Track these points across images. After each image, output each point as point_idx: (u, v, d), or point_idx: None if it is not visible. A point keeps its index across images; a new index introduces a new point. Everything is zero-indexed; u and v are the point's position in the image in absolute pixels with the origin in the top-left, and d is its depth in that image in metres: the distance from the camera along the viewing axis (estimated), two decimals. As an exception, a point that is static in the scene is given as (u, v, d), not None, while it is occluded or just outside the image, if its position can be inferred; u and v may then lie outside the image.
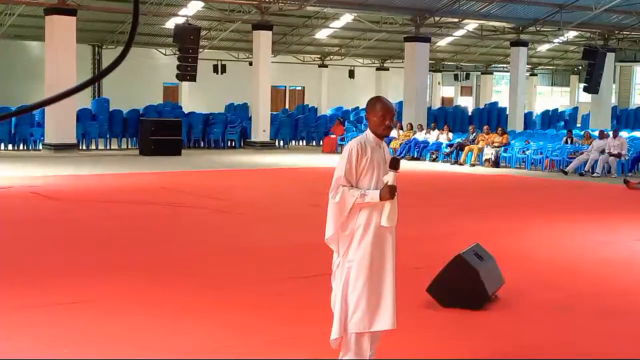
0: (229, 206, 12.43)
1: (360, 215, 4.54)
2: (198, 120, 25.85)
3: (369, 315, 4.57)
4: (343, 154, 4.60)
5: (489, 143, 21.69)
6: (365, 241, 4.54)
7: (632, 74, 46.30)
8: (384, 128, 4.60)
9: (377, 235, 4.58)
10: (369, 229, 4.55)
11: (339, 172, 4.54)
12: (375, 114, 4.59)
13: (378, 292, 4.58)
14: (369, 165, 4.55)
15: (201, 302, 6.64)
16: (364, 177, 4.56)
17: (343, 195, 4.49)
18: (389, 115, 4.59)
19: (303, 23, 31.23)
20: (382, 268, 4.61)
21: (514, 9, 27.64)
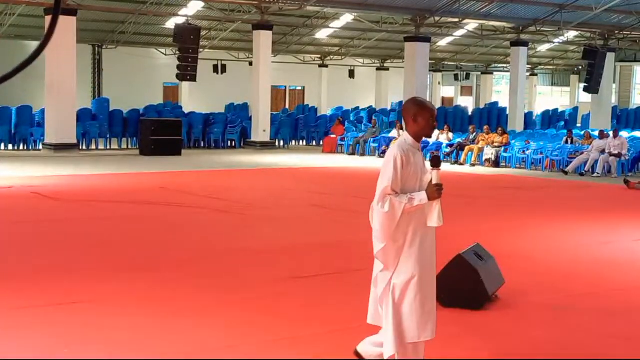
0: (229, 206, 12.43)
1: (407, 222, 4.38)
2: (198, 120, 25.85)
3: (422, 325, 4.43)
4: (387, 162, 4.41)
5: (489, 143, 21.69)
6: (415, 249, 4.39)
7: (632, 74, 46.29)
8: (430, 130, 4.51)
9: (425, 241, 4.44)
10: (417, 235, 4.41)
11: (386, 182, 4.36)
12: (424, 116, 4.44)
13: (430, 300, 4.46)
14: (414, 171, 4.41)
15: (202, 302, 6.64)
16: (408, 183, 4.40)
17: (392, 204, 4.31)
18: (434, 116, 4.51)
19: (303, 23, 31.23)
20: (430, 275, 4.49)
21: (514, 9, 27.64)
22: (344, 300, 6.86)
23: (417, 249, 4.40)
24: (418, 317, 4.41)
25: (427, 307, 4.45)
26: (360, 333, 5.87)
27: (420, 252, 4.41)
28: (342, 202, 13.34)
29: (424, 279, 4.44)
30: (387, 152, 4.51)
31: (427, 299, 4.45)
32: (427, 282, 4.47)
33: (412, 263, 4.39)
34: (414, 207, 4.33)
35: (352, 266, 8.25)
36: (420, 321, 4.42)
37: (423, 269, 4.42)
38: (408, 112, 4.51)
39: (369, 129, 25.49)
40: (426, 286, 4.45)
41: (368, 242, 10.02)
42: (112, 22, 29.89)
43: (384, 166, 4.42)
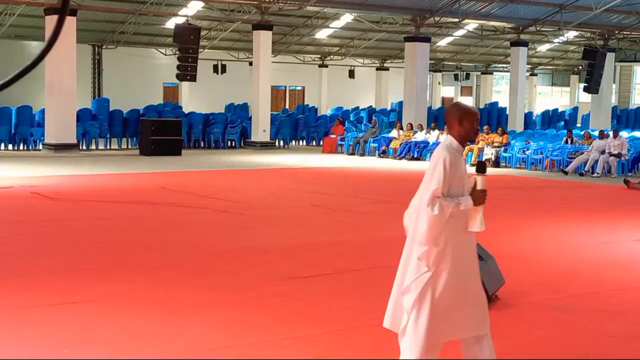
0: (229, 206, 12.43)
1: (450, 226, 4.38)
2: (198, 120, 25.85)
3: (457, 323, 4.44)
4: (436, 165, 4.38)
5: (489, 143, 21.69)
6: (456, 252, 4.39)
7: (632, 74, 46.28)
8: (474, 133, 4.56)
9: (464, 244, 4.44)
10: (458, 238, 4.40)
11: (436, 184, 4.33)
12: (469, 120, 4.48)
13: (465, 299, 4.44)
14: (459, 174, 4.42)
15: (201, 302, 6.64)
16: (453, 186, 4.40)
17: (442, 207, 4.29)
18: (478, 120, 4.58)
19: (303, 23, 31.23)
20: (471, 274, 4.49)
21: (514, 9, 27.64)
22: (344, 300, 6.86)
23: (457, 252, 4.40)
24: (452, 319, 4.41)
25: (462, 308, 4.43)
26: (360, 333, 5.88)
27: (459, 255, 4.40)
28: (342, 202, 13.34)
29: (462, 281, 4.42)
30: (434, 154, 4.50)
31: (464, 301, 4.43)
32: (465, 284, 4.45)
33: (450, 266, 4.37)
34: (459, 211, 4.35)
35: (352, 266, 8.26)
36: (453, 322, 4.43)
37: (460, 272, 4.41)
38: (453, 116, 4.52)
39: (369, 129, 25.49)
40: (463, 289, 4.43)
41: (368, 242, 10.08)
42: (112, 22, 29.89)
43: (432, 168, 4.40)
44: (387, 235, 10.22)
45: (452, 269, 4.36)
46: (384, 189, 15.69)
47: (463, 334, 4.51)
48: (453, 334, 4.49)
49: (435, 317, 4.34)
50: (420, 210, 4.41)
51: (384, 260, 8.65)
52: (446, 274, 4.35)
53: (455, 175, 4.39)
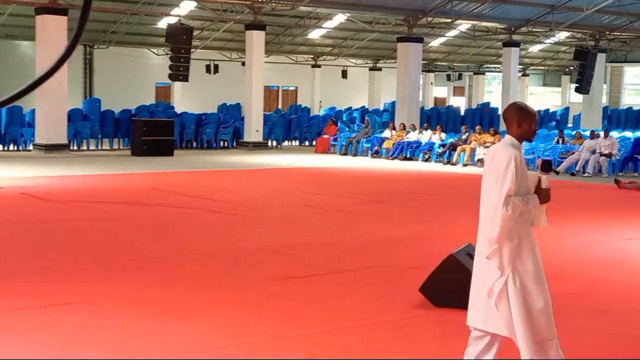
0: (222, 206, 12.41)
1: (520, 223, 4.49)
2: (190, 120, 25.81)
3: (552, 323, 4.53)
4: (506, 165, 4.43)
5: (481, 143, 21.72)
6: (529, 248, 4.51)
7: (622, 74, 46.42)
8: (532, 133, 4.65)
9: (532, 240, 4.56)
10: (528, 235, 4.53)
11: (509, 184, 4.40)
12: (528, 121, 4.58)
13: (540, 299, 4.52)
14: (523, 173, 4.53)
15: (194, 303, 6.63)
16: (522, 185, 4.52)
17: (514, 206, 4.40)
18: (536, 121, 4.68)
19: (296, 23, 31.23)
20: (542, 273, 4.57)
21: (506, 10, 27.70)
22: (337, 300, 6.86)
23: (532, 249, 4.52)
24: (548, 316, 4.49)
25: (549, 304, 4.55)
26: (353, 333, 5.88)
27: (532, 250, 4.52)
28: (334, 203, 13.35)
29: (541, 277, 4.53)
30: (499, 155, 4.52)
31: (547, 297, 4.54)
32: (543, 279, 4.56)
33: (530, 261, 4.48)
34: (527, 209, 4.48)
35: (345, 266, 8.26)
36: (550, 320, 4.51)
37: (538, 267, 4.52)
38: (512, 116, 4.61)
39: (362, 129, 25.50)
40: (544, 284, 4.55)
41: (361, 242, 10.08)
42: (104, 21, 29.81)
43: (502, 168, 4.44)
44: (380, 235, 10.23)
45: (532, 265, 4.47)
46: (377, 189, 15.70)
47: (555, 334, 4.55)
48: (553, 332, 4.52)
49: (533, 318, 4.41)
50: (490, 210, 4.46)
51: (377, 260, 8.66)
52: (527, 271, 4.45)
53: (522, 174, 4.50)
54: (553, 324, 4.51)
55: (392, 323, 6.21)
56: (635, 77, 47.12)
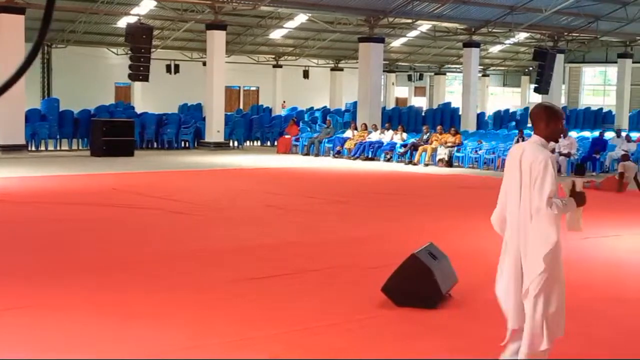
0: (184, 207, 12.31)
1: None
2: (151, 120, 25.58)
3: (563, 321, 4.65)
4: (545, 167, 4.49)
5: (442, 143, 21.87)
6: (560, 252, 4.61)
7: (580, 74, 47.13)
8: (560, 134, 4.73)
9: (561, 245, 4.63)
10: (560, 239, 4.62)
11: (551, 185, 4.45)
12: (555, 121, 4.63)
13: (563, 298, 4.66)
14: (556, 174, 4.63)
15: (156, 305, 6.56)
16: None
17: (557, 207, 4.47)
18: (563, 121, 4.73)
19: (257, 23, 31.14)
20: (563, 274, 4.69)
21: (466, 10, 27.94)
22: (301, 301, 6.84)
23: (561, 252, 4.62)
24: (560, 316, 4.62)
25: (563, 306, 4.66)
26: (318, 333, 5.87)
27: (560, 255, 4.62)
28: (297, 203, 13.33)
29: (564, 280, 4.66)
30: (534, 157, 4.54)
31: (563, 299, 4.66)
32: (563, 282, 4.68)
33: (559, 264, 4.60)
34: (563, 212, 4.55)
35: (308, 267, 8.24)
36: (562, 320, 4.63)
37: (562, 270, 4.65)
38: (540, 117, 4.65)
39: (324, 130, 25.51)
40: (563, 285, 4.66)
41: (323, 242, 10.06)
42: (62, 20, 29.40)
43: (544, 171, 4.48)
44: (342, 235, 10.23)
45: (561, 268, 4.60)
46: (339, 189, 15.71)
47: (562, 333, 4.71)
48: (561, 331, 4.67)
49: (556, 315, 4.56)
50: (533, 213, 4.51)
51: (340, 260, 8.66)
52: (559, 273, 4.58)
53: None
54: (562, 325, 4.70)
55: (355, 323, 6.21)
56: (593, 78, 47.87)
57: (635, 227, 11.08)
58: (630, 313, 6.68)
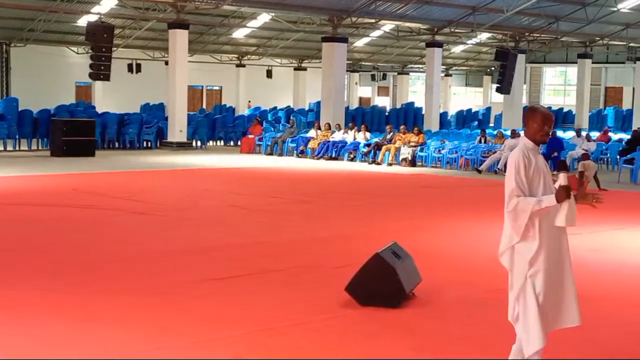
0: (146, 208, 12.18)
1: (538, 223, 4.57)
2: (112, 120, 25.32)
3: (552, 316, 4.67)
4: (510, 167, 4.59)
5: (405, 142, 21.96)
6: (545, 247, 4.59)
7: (541, 74, 47.72)
8: (543, 134, 4.67)
9: (554, 239, 4.62)
10: (550, 236, 4.61)
11: (512, 185, 4.54)
12: (536, 120, 4.65)
13: (559, 292, 4.67)
14: (536, 172, 4.60)
15: (119, 306, 6.48)
16: (533, 184, 4.59)
17: (518, 205, 4.50)
18: (549, 123, 4.68)
19: (220, 22, 30.97)
20: (562, 269, 4.67)
21: (429, 11, 28.09)
22: (264, 301, 6.80)
23: (550, 249, 4.61)
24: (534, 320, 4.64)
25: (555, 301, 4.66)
26: (281, 333, 5.84)
27: (552, 252, 4.61)
28: (261, 203, 13.27)
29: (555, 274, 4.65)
30: (509, 157, 4.67)
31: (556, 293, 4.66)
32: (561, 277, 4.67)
33: (545, 262, 4.60)
34: (543, 210, 4.52)
35: (272, 267, 8.20)
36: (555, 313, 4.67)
37: (557, 267, 4.64)
38: (525, 117, 4.77)
39: (287, 129, 25.47)
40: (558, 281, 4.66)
41: (287, 242, 10.03)
42: (21, 19, 28.97)
43: (508, 171, 4.62)
44: (306, 235, 10.21)
45: (547, 265, 4.59)
46: (303, 189, 15.68)
47: (562, 324, 4.74)
48: (555, 324, 4.71)
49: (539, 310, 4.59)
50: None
51: (304, 260, 8.63)
52: (542, 270, 4.59)
53: (531, 173, 4.59)
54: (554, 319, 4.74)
55: (318, 323, 6.18)
56: (553, 78, 48.50)
57: (595, 225, 11.21)
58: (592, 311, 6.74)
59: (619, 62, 42.61)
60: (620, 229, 11.29)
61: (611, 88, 45.73)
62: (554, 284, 4.65)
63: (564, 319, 4.72)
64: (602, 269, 8.57)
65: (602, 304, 7.01)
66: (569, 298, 4.70)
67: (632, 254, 9.41)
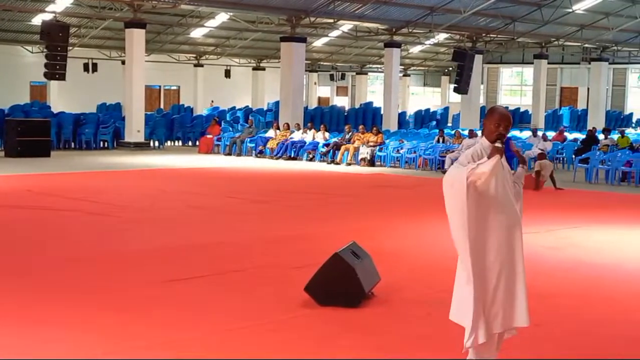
0: (103, 208, 12.02)
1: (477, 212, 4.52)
2: (68, 120, 24.97)
3: (502, 314, 4.60)
4: (461, 162, 4.64)
5: (364, 142, 22.01)
6: (490, 239, 4.55)
7: (498, 75, 48.26)
8: (497, 134, 4.63)
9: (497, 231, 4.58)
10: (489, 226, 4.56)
11: (464, 160, 4.61)
12: (492, 121, 4.66)
13: (508, 289, 4.61)
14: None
15: (73, 309, 6.37)
16: (489, 185, 4.55)
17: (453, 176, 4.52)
18: (504, 123, 4.64)
19: (177, 22, 30.73)
20: (510, 264, 4.62)
21: (387, 11, 28.20)
22: (222, 302, 6.75)
23: (493, 245, 4.56)
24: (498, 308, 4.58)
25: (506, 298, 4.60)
26: (239, 335, 5.79)
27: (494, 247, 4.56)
28: (219, 203, 13.18)
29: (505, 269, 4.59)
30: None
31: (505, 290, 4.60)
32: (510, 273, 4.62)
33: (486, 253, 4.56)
34: (478, 172, 4.45)
35: (230, 267, 8.15)
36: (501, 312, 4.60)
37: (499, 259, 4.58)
38: (485, 117, 4.77)
39: (246, 129, 25.36)
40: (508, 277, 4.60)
41: (246, 243, 9.97)
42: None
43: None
44: (265, 235, 10.16)
45: (494, 263, 4.55)
46: (262, 189, 15.62)
47: (517, 323, 4.67)
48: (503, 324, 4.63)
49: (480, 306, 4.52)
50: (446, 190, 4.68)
51: (263, 260, 8.59)
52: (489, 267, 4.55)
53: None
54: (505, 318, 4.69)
55: (277, 323, 6.15)
56: (510, 78, 49.09)
57: (552, 223, 11.36)
58: (548, 308, 6.81)
59: (574, 63, 43.29)
60: (575, 227, 11.44)
61: (566, 88, 46.44)
62: (503, 283, 4.59)
63: (511, 320, 4.65)
64: (558, 266, 8.67)
65: (558, 301, 7.09)
66: (519, 298, 4.65)
67: (588, 252, 9.54)
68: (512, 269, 4.65)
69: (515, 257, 4.66)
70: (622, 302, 7.18)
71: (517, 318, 4.65)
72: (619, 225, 11.84)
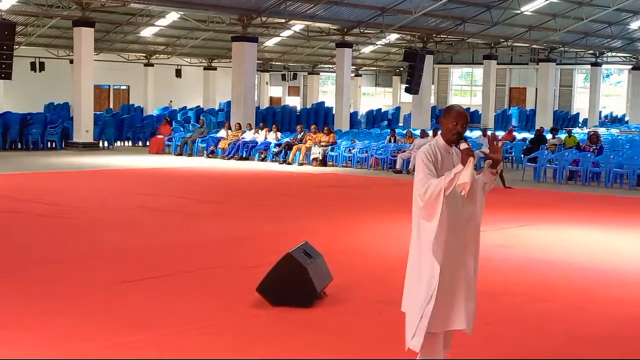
0: (51, 210, 11.82)
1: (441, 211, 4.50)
2: (14, 120, 24.50)
3: (445, 315, 4.57)
4: (417, 162, 4.64)
5: (316, 142, 22.03)
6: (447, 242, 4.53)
7: (449, 75, 48.78)
8: (454, 133, 4.61)
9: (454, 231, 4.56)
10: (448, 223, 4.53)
11: (420, 176, 4.55)
12: (449, 119, 4.63)
13: (452, 291, 4.58)
14: (442, 170, 4.57)
15: (24, 311, 6.25)
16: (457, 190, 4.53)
17: (429, 188, 4.45)
18: (461, 121, 4.61)
19: (127, 20, 30.38)
20: (460, 265, 4.62)
21: (339, 11, 28.28)
22: (174, 303, 6.70)
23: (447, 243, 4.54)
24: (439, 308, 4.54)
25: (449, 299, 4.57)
26: (191, 336, 5.75)
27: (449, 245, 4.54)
28: (170, 204, 13.07)
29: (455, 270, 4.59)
30: (417, 155, 4.71)
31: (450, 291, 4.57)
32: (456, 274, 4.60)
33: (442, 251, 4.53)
34: (454, 179, 4.43)
35: (182, 268, 8.08)
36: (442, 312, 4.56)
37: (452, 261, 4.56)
38: (442, 115, 4.74)
39: (197, 129, 25.19)
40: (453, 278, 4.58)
41: (197, 243, 9.90)
42: None
43: (416, 167, 4.66)
44: (217, 236, 10.10)
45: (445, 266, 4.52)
46: (213, 189, 15.53)
47: (455, 325, 4.65)
48: (447, 324, 4.62)
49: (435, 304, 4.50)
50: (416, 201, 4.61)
51: (214, 261, 8.54)
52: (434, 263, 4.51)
53: (442, 169, 4.57)
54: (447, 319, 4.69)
55: (229, 324, 6.12)
56: (460, 78, 49.64)
57: (501, 222, 11.51)
58: (498, 306, 6.90)
59: (523, 64, 44.00)
60: (524, 226, 11.61)
61: (515, 88, 47.16)
62: (449, 284, 4.58)
63: (449, 322, 4.64)
64: (507, 265, 8.78)
65: (508, 299, 7.19)
66: (460, 301, 4.63)
67: (536, 250, 9.69)
68: (461, 271, 4.65)
69: (466, 259, 4.68)
70: (568, 299, 7.31)
71: (456, 320, 4.65)
72: (566, 223, 12.06)
